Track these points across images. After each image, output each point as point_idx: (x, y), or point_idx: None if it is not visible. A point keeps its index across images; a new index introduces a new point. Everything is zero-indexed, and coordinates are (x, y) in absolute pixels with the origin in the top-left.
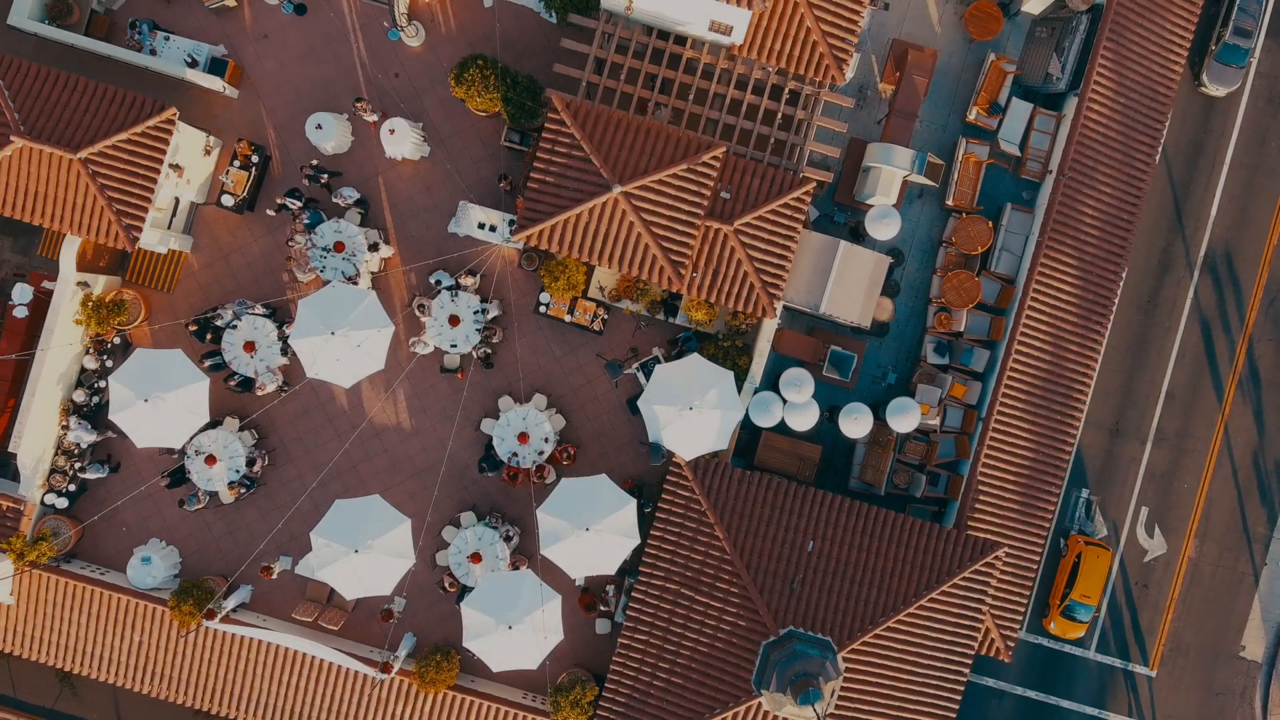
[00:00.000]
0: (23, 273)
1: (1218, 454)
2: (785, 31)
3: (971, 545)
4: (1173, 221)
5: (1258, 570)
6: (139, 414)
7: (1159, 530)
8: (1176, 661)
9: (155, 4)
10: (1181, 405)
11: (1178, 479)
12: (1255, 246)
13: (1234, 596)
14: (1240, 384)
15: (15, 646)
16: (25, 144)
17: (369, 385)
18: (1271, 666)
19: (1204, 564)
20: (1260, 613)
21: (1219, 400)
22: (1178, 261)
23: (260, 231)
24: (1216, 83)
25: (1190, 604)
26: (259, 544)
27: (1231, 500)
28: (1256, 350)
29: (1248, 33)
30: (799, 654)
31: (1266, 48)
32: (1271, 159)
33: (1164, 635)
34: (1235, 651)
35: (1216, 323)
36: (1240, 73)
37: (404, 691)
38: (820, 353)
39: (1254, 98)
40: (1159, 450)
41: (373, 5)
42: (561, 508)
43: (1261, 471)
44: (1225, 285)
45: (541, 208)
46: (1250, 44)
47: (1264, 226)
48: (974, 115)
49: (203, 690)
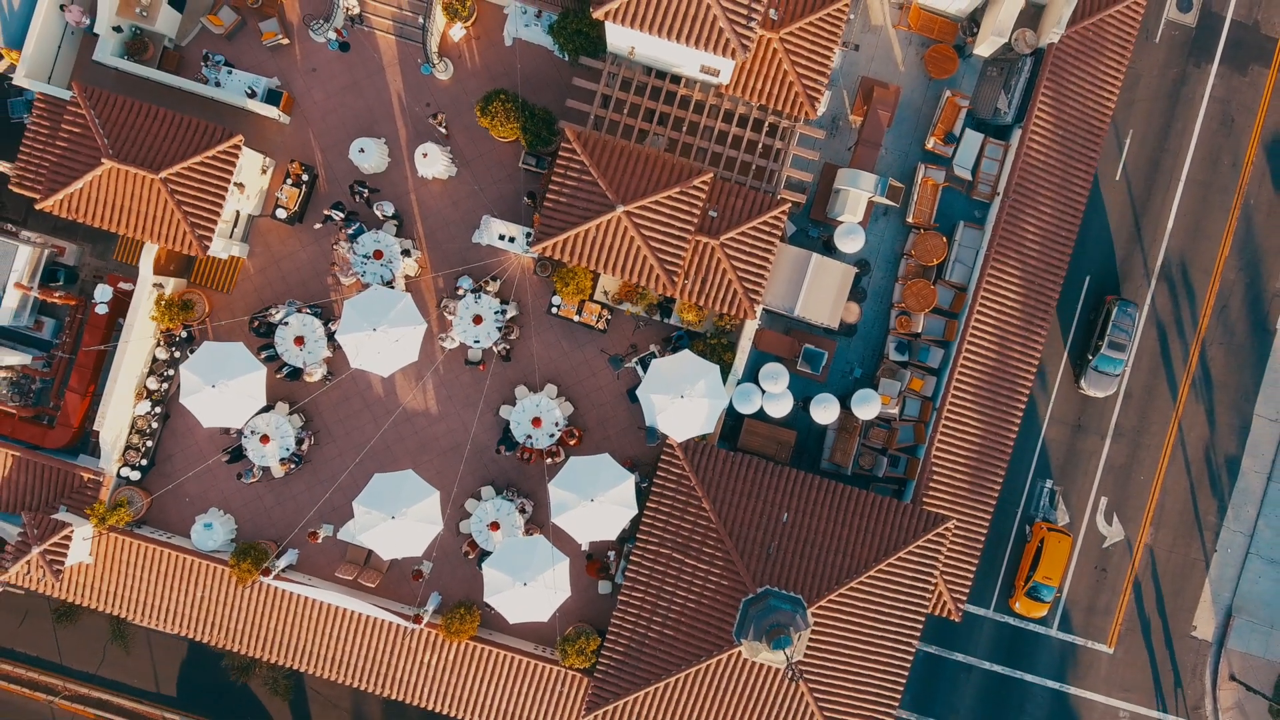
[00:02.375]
0: (100, 275)
1: (1172, 448)
2: (765, 73)
3: (925, 518)
4: (1132, 234)
5: (1208, 556)
6: (206, 398)
7: (1117, 518)
8: (1132, 640)
9: (218, 41)
10: (1139, 403)
11: (1135, 471)
12: (1208, 257)
13: (1186, 580)
14: (1193, 384)
15: (93, 600)
16: (113, 165)
17: (402, 375)
18: (1220, 645)
19: (1158, 550)
20: (1210, 595)
21: (1173, 399)
22: (1136, 270)
23: (308, 240)
24: (1094, 388)
25: (1145, 587)
26: (306, 513)
27: (1184, 491)
28: (1209, 353)
29: (1121, 346)
30: (774, 609)
31: (1220, 74)
32: (1223, 177)
33: (1121, 615)
34: (1187, 631)
35: (1172, 327)
36: (1115, 379)
37: (432, 642)
38: (795, 350)
39: (1208, 119)
40: (1118, 445)
41: (407, 43)
42: (570, 482)
43: (1212, 465)
44: (1180, 293)
45: (555, 223)
46: (1123, 355)
47: (1216, 239)
48: (932, 144)
49: (255, 640)
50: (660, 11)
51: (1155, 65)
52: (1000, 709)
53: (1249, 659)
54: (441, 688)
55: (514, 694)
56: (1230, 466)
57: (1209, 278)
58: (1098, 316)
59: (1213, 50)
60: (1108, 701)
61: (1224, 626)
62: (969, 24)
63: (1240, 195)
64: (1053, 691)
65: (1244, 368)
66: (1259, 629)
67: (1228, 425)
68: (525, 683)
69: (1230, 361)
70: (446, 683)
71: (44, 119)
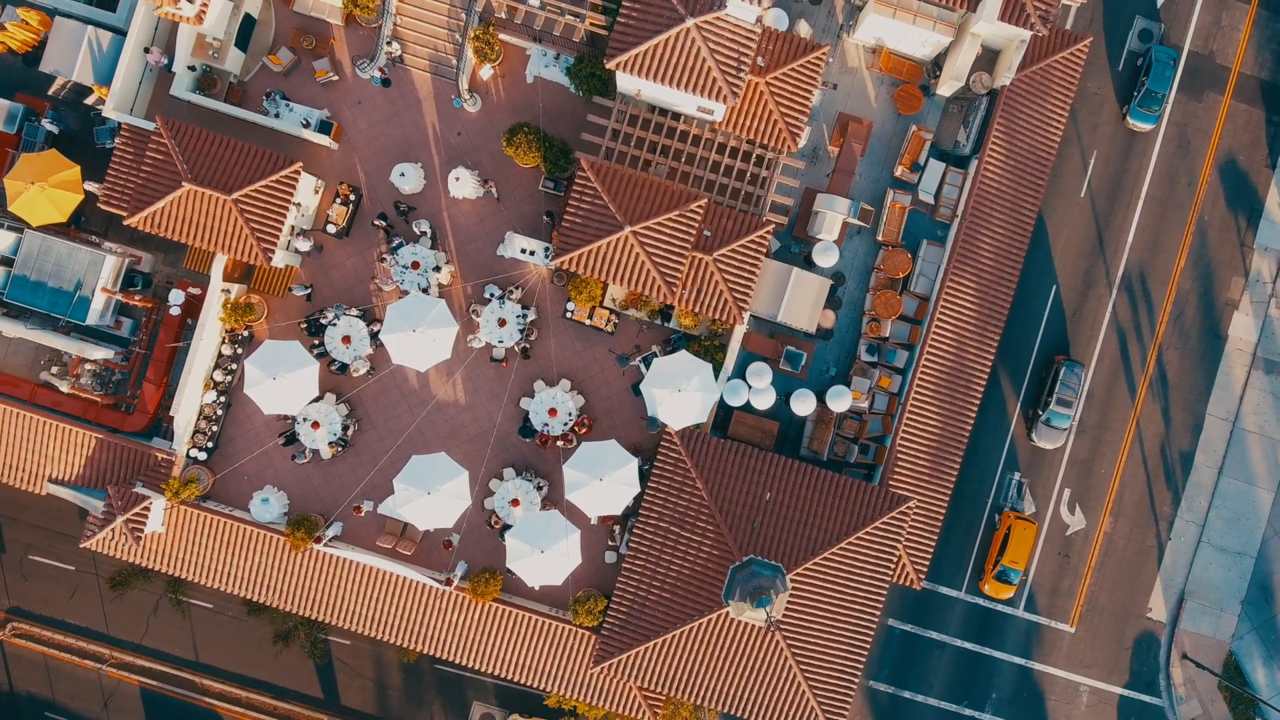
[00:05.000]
0: (171, 281)
1: (1130, 444)
2: (754, 112)
3: (890, 498)
4: (1095, 246)
5: (1163, 544)
6: (268, 389)
7: (1079, 508)
8: (1092, 620)
9: (277, 79)
10: (1100, 402)
11: (1096, 465)
12: (1165, 268)
13: (1142, 566)
14: (1151, 385)
15: (165, 565)
16: (191, 188)
17: (435, 371)
18: (1173, 626)
19: (1117, 538)
20: (1164, 580)
21: (1132, 399)
22: (1099, 280)
23: (353, 252)
24: (1043, 440)
25: (1105, 571)
26: (350, 490)
27: (1141, 484)
28: (1165, 357)
29: (1068, 403)
30: (757, 574)
31: (1178, 100)
32: (1180, 195)
33: (1082, 597)
34: (1143, 612)
35: (1131, 333)
36: (1063, 433)
37: (460, 603)
38: (778, 351)
39: (1166, 141)
40: (1080, 440)
41: (442, 80)
42: (581, 464)
43: (1168, 460)
44: (1139, 301)
45: (572, 241)
46: (1070, 411)
47: (1173, 251)
48: (900, 172)
49: (305, 600)
50: (663, 64)
51: (1119, 92)
52: (971, 682)
53: (1200, 639)
54: (468, 643)
55: (531, 648)
56: (1184, 461)
57: (1166, 287)
58: (1048, 374)
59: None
60: (1069, 676)
61: (1177, 609)
62: (933, 67)
63: (1195, 212)
64: (1019, 667)
65: (1197, 370)
66: (1209, 611)
67: (1182, 423)
68: (541, 639)
69: (1185, 365)
70: (472, 639)
71: (128, 146)
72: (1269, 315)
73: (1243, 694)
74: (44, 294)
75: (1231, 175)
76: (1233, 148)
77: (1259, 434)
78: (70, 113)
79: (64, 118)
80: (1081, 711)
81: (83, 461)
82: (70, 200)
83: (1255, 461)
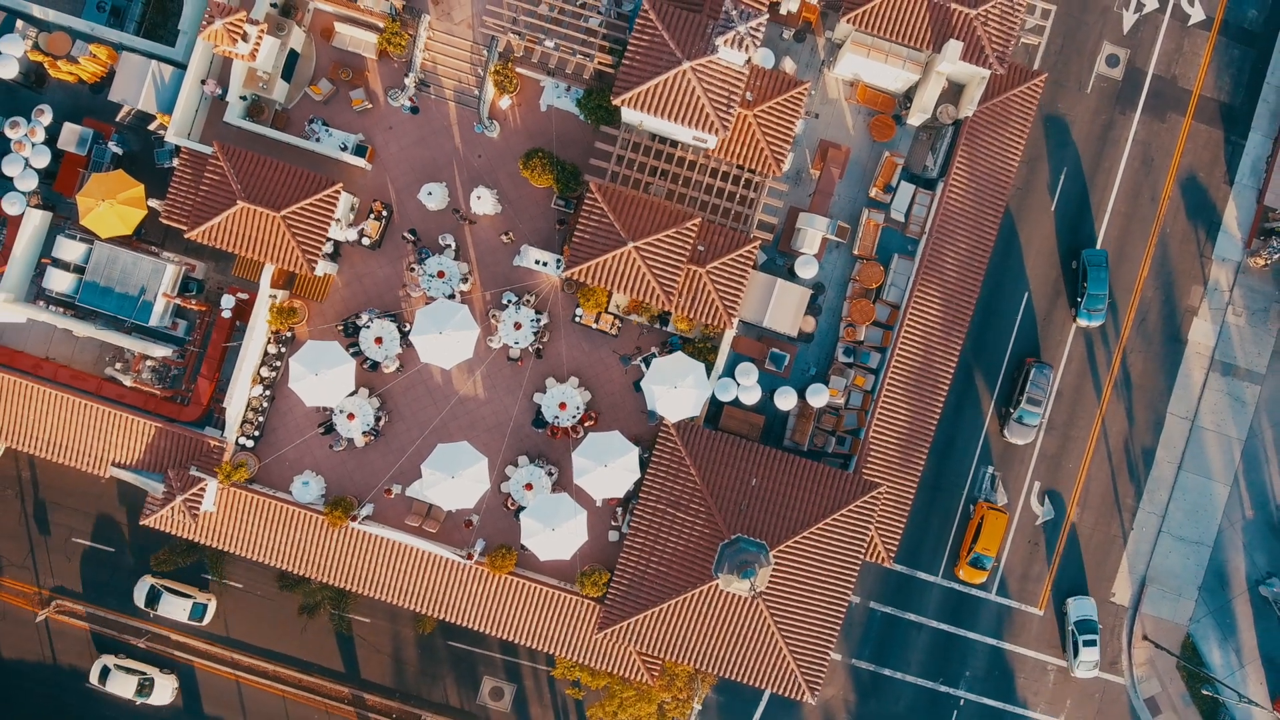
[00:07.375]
0: (222, 287)
1: (1096, 441)
2: (743, 141)
3: (863, 484)
4: (1064, 257)
5: (1126, 533)
6: (309, 383)
7: (1048, 500)
8: (1060, 603)
9: (318, 106)
10: (1068, 401)
11: (1064, 460)
12: (1129, 277)
13: (1106, 553)
14: (1115, 386)
15: (214, 541)
16: (245, 205)
17: (458, 369)
18: (1135, 610)
19: (1083, 527)
20: (1127, 567)
21: (1098, 398)
22: (1068, 288)
23: (385, 262)
24: (1015, 436)
25: (1071, 558)
26: (381, 475)
27: (1106, 477)
28: (1129, 359)
29: (1038, 402)
30: (743, 550)
31: (1142, 120)
32: (1144, 209)
33: (1050, 582)
34: (1107, 597)
35: (1097, 337)
36: (1034, 429)
37: (479, 575)
38: (764, 353)
39: (1130, 160)
40: (1050, 437)
41: (465, 108)
42: (588, 452)
43: (1131, 455)
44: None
45: (581, 254)
46: (1040, 410)
47: (1136, 261)
48: (874, 193)
49: (340, 572)
50: (663, 100)
51: (1087, 113)
52: (946, 661)
53: (1160, 622)
54: (486, 612)
55: (542, 617)
56: (1146, 457)
57: (1130, 295)
58: (1020, 375)
59: (1136, 100)
60: (1037, 656)
61: (1139, 594)
62: (904, 99)
63: (1158, 225)
64: (991, 647)
65: (1159, 372)
66: (1169, 596)
67: (1144, 421)
68: (551, 608)
69: (1147, 367)
70: (490, 608)
71: (186, 167)
72: (1226, 321)
73: (1199, 673)
74: (111, 298)
75: (1192, 191)
76: (1193, 165)
77: (1216, 432)
78: (132, 136)
79: (127, 140)
80: (1049, 689)
81: (143, 448)
82: (135, 215)
83: (1212, 458)
